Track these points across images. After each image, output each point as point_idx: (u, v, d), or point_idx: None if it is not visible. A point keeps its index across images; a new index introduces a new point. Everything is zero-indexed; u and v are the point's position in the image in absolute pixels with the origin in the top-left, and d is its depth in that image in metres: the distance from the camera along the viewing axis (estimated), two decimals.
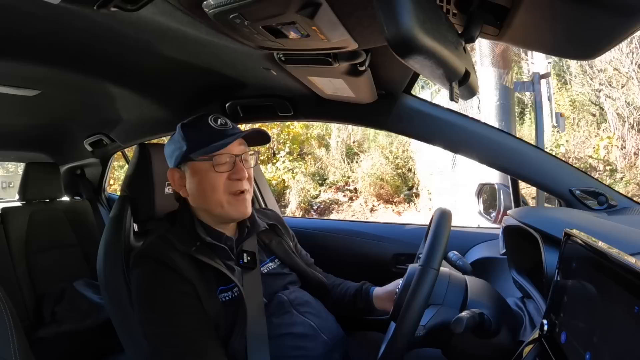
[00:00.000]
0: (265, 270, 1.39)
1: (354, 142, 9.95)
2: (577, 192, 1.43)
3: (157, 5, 0.87)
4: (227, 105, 1.85)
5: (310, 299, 1.39)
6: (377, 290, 1.50)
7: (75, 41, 1.25)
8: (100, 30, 1.15)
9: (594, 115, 8.25)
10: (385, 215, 8.55)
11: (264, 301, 1.30)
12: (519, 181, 1.63)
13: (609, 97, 7.81)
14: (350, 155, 9.76)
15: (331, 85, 1.38)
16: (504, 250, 1.42)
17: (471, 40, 0.84)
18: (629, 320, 0.57)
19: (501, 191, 1.71)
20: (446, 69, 0.74)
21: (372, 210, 8.81)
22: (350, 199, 9.29)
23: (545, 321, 0.85)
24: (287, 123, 9.43)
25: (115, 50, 1.34)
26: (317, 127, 10.11)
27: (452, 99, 0.82)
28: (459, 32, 0.84)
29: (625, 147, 7.51)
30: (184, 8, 0.87)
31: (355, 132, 9.93)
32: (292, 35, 0.88)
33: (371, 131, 9.57)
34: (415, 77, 1.47)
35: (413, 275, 1.03)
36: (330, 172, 9.73)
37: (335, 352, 1.31)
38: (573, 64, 8.60)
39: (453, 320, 0.95)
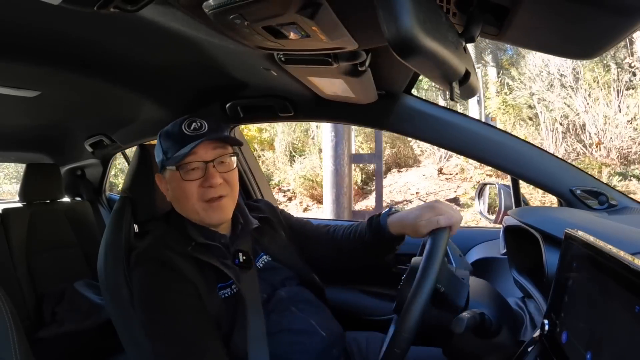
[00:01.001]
0: (261, 265, 1.38)
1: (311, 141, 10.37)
2: (578, 191, 1.43)
3: (157, 6, 0.87)
4: (227, 105, 1.85)
5: (309, 296, 1.39)
6: (392, 217, 1.36)
7: (76, 42, 1.26)
8: (101, 30, 1.15)
9: (531, 119, 8.29)
10: (317, 214, 8.97)
11: (263, 297, 1.30)
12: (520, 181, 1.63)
13: (543, 100, 7.86)
14: (293, 157, 10.16)
15: (331, 85, 1.38)
16: (505, 250, 1.42)
17: (471, 40, 0.84)
18: (629, 320, 0.57)
19: (502, 191, 1.71)
20: (446, 69, 0.74)
21: (305, 209, 9.27)
22: (289, 199, 9.79)
23: (546, 321, 0.85)
24: (242, 126, 9.70)
25: (116, 50, 1.34)
26: (267, 131, 10.57)
27: (452, 98, 0.82)
28: (459, 32, 0.84)
29: (558, 152, 7.60)
30: (184, 9, 0.87)
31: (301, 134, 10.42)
32: (292, 35, 0.88)
33: (315, 134, 10.02)
34: (415, 77, 1.47)
35: (416, 268, 1.03)
36: (275, 174, 10.18)
37: (333, 348, 1.31)
38: (513, 69, 8.68)
39: (453, 320, 0.95)
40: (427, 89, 10.34)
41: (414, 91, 1.57)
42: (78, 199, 3.40)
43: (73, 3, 0.79)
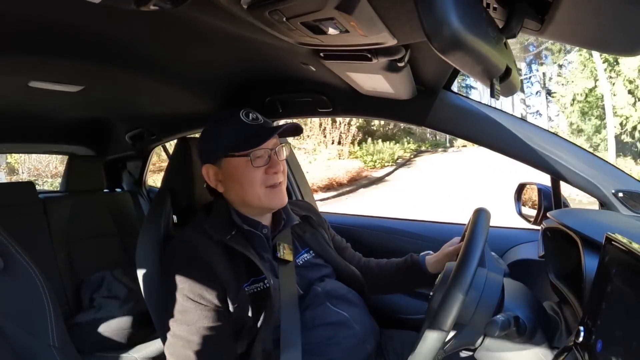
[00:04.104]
0: (301, 262, 1.41)
1: None
2: (621, 194, 1.38)
3: (196, 3, 0.88)
4: (266, 100, 1.87)
5: (346, 290, 1.41)
6: (430, 257, 1.55)
7: (117, 38, 1.29)
8: (141, 27, 1.18)
9: None
10: None
11: (300, 292, 1.33)
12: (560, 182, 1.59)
13: None
14: None
15: (370, 81, 1.37)
16: (543, 253, 1.39)
17: (513, 35, 0.82)
18: None
19: (542, 192, 1.67)
20: (487, 65, 0.73)
21: None
22: None
23: (581, 328, 0.83)
24: None
25: (156, 46, 1.37)
26: None
27: (492, 95, 0.81)
28: (500, 27, 0.82)
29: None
30: (223, 4, 0.88)
31: None
32: (331, 31, 0.88)
33: None
34: (455, 73, 1.44)
35: (450, 272, 1.02)
36: None
37: (367, 343, 1.33)
38: None
39: (487, 322, 0.93)
40: None
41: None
42: (119, 190, 3.47)
43: (113, 1, 0.80)
